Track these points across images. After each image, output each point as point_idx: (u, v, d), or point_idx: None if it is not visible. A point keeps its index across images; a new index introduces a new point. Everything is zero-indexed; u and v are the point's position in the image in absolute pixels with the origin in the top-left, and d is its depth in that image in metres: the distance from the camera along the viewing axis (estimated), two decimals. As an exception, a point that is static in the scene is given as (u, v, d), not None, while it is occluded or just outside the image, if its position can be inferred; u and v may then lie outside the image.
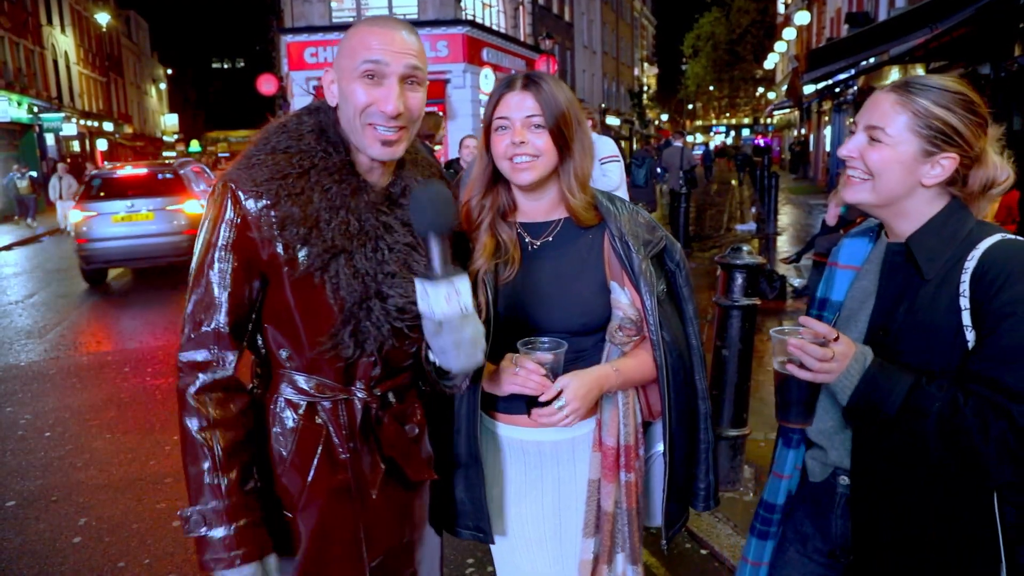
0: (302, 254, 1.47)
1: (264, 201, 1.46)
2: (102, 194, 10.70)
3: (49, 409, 5.66)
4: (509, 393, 1.69)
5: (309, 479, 1.57)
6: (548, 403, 1.64)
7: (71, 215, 10.84)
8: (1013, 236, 1.39)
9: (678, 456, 1.79)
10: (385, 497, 1.64)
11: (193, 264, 1.51)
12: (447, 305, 1.39)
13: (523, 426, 1.78)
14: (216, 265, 1.47)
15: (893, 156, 1.40)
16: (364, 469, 1.61)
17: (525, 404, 1.69)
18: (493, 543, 1.83)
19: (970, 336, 1.35)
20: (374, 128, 1.51)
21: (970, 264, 1.36)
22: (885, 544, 1.47)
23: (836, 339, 1.38)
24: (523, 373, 1.62)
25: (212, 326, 1.48)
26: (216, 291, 1.47)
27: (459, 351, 1.45)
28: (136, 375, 6.44)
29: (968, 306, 1.35)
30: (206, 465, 1.45)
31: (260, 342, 1.61)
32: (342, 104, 1.53)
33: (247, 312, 1.52)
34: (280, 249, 1.47)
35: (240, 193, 1.46)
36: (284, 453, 1.57)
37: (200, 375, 1.48)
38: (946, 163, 1.40)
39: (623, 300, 1.74)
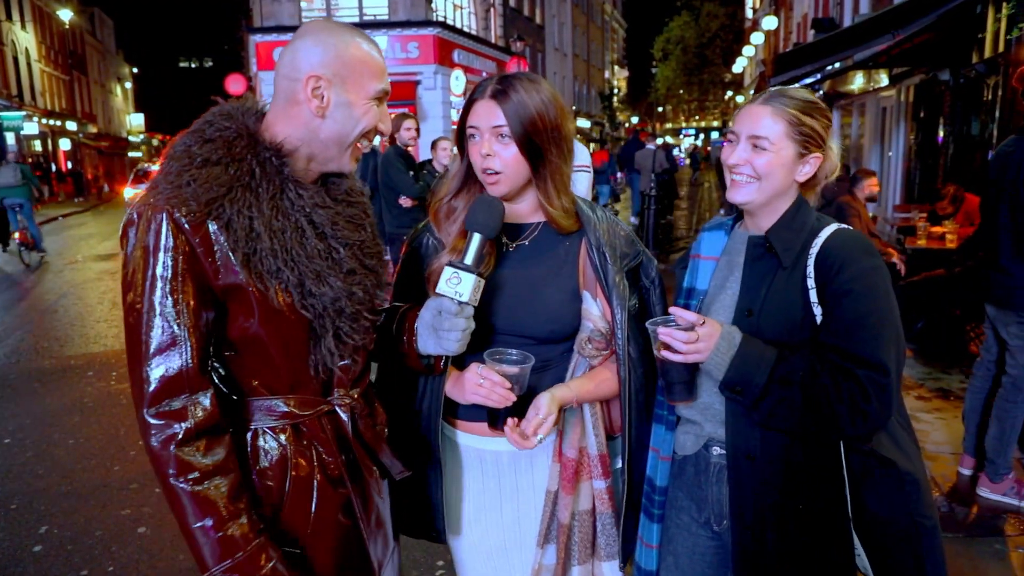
0: (266, 270, 1.38)
1: (213, 222, 1.35)
2: (145, 178, 17.90)
3: (9, 415, 5.54)
4: (471, 403, 1.68)
5: (313, 507, 1.49)
6: (512, 414, 1.64)
7: (126, 191, 18.06)
8: (846, 227, 1.65)
9: (636, 475, 1.81)
10: (375, 504, 1.62)
11: (133, 305, 1.34)
12: (475, 294, 1.53)
13: (482, 435, 1.77)
14: (168, 299, 1.33)
15: (778, 160, 1.63)
16: (361, 478, 1.57)
17: (487, 415, 1.67)
18: (444, 543, 1.83)
19: (817, 311, 1.58)
20: (358, 149, 1.52)
21: (814, 251, 1.60)
22: (757, 503, 1.64)
23: (702, 324, 1.56)
24: (487, 385, 1.60)
25: (179, 368, 1.33)
26: (175, 328, 1.33)
27: (464, 334, 1.55)
28: (100, 379, 6.33)
29: (814, 286, 1.59)
30: (211, 520, 1.33)
31: (216, 377, 1.47)
32: (338, 115, 1.45)
33: (208, 345, 1.39)
34: (241, 272, 1.36)
35: (180, 217, 1.33)
36: (281, 488, 1.47)
37: (178, 425, 1.33)
38: (814, 161, 1.66)
39: (594, 312, 1.72)
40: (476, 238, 1.56)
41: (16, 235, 12.55)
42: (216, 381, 1.46)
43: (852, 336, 1.53)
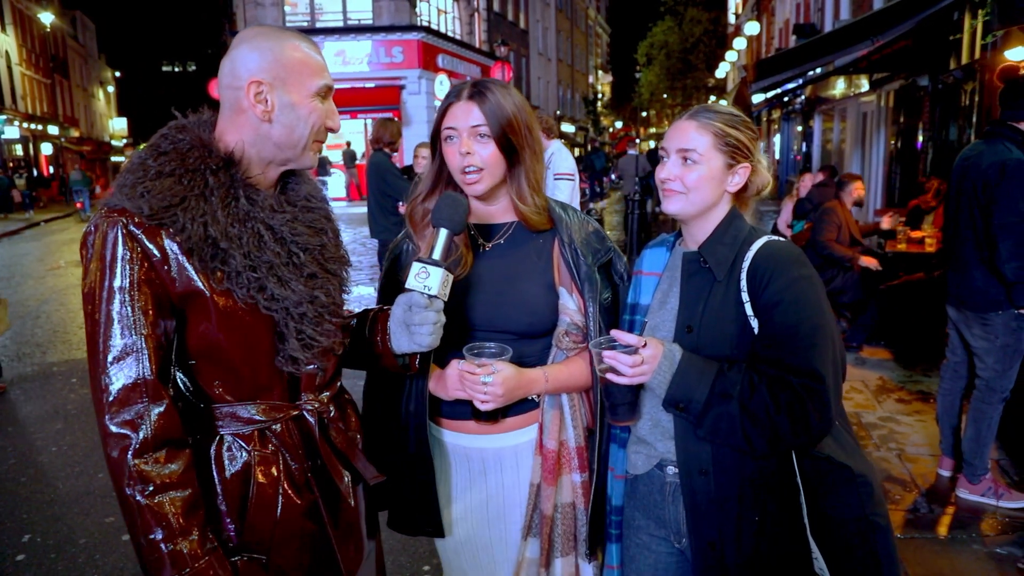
0: (225, 277, 1.40)
1: (167, 231, 1.36)
2: None
3: (-9, 422, 5.49)
4: (455, 398, 1.74)
5: (278, 514, 1.49)
6: (494, 413, 1.69)
7: None
8: (777, 238, 1.68)
9: (603, 468, 1.84)
10: (345, 509, 1.63)
11: (92, 315, 1.36)
12: (443, 288, 1.57)
13: (468, 432, 1.81)
14: (126, 309, 1.34)
15: (707, 172, 1.67)
16: (330, 483, 1.58)
17: (471, 410, 1.72)
18: (444, 536, 1.85)
19: (754, 324, 1.61)
20: (317, 143, 1.53)
21: (746, 264, 1.64)
22: (714, 518, 1.64)
23: (644, 345, 1.58)
24: (470, 378, 1.66)
25: (136, 377, 1.34)
26: (132, 337, 1.34)
27: (435, 327, 1.58)
28: (83, 385, 6.28)
29: (748, 299, 1.61)
30: (161, 534, 1.32)
31: (182, 385, 1.48)
32: (284, 118, 1.47)
33: (167, 354, 1.41)
34: (198, 278, 1.39)
35: (133, 228, 1.35)
36: (246, 496, 1.47)
37: (135, 435, 1.33)
38: (742, 171, 1.70)
39: (570, 306, 1.78)
40: (442, 233, 1.61)
41: (77, 204, 24.16)
42: (182, 389, 1.47)
43: (785, 346, 1.55)
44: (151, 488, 1.33)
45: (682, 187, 1.68)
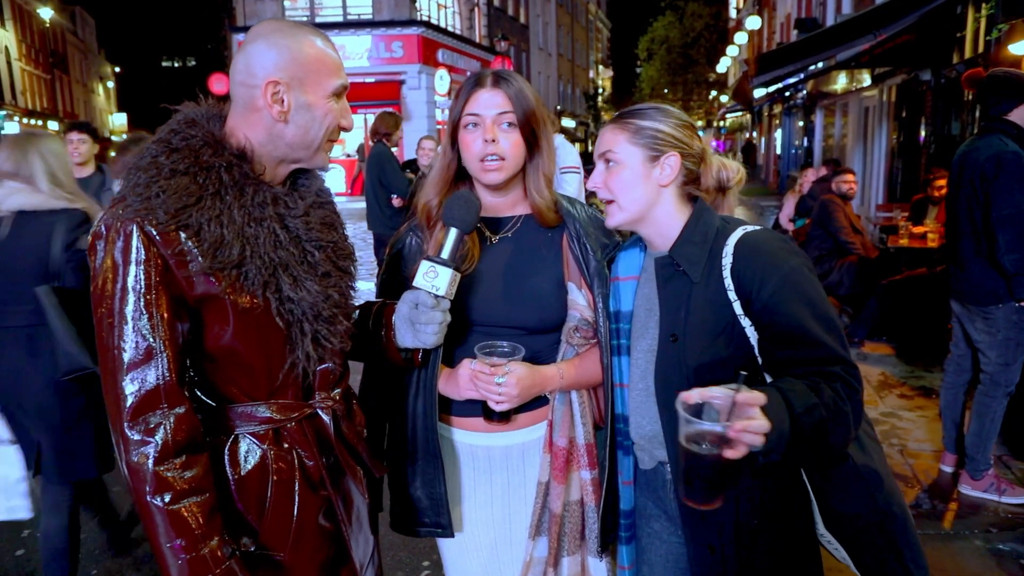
0: (241, 278, 1.38)
1: (183, 232, 1.33)
2: None
3: (-10, 418, 5.47)
4: (466, 398, 1.71)
5: (295, 512, 1.48)
6: (507, 413, 1.67)
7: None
8: (753, 227, 1.57)
9: (614, 463, 1.81)
10: (356, 505, 1.63)
11: (105, 319, 1.32)
12: (451, 288, 1.56)
13: (476, 430, 1.79)
14: (142, 313, 1.31)
15: (628, 172, 1.59)
16: (342, 478, 1.58)
17: (481, 408, 1.70)
18: (452, 536, 1.83)
19: (745, 323, 1.52)
20: (330, 143, 1.51)
21: (727, 261, 1.53)
22: (711, 523, 1.59)
23: (739, 392, 1.31)
24: (482, 379, 1.64)
25: (156, 382, 1.31)
26: (151, 341, 1.31)
27: (440, 327, 1.58)
28: (82, 382, 6.27)
29: (736, 299, 1.52)
30: (183, 541, 1.32)
31: (196, 386, 1.46)
32: (300, 119, 1.44)
33: (184, 357, 1.38)
34: (214, 279, 1.36)
35: (150, 229, 1.31)
36: (263, 494, 1.46)
37: (155, 441, 1.31)
38: (672, 161, 1.59)
39: (580, 301, 1.76)
40: (453, 233, 1.59)
41: None
42: (195, 389, 1.45)
43: (802, 343, 1.46)
44: (172, 495, 1.31)
45: (608, 194, 1.61)
